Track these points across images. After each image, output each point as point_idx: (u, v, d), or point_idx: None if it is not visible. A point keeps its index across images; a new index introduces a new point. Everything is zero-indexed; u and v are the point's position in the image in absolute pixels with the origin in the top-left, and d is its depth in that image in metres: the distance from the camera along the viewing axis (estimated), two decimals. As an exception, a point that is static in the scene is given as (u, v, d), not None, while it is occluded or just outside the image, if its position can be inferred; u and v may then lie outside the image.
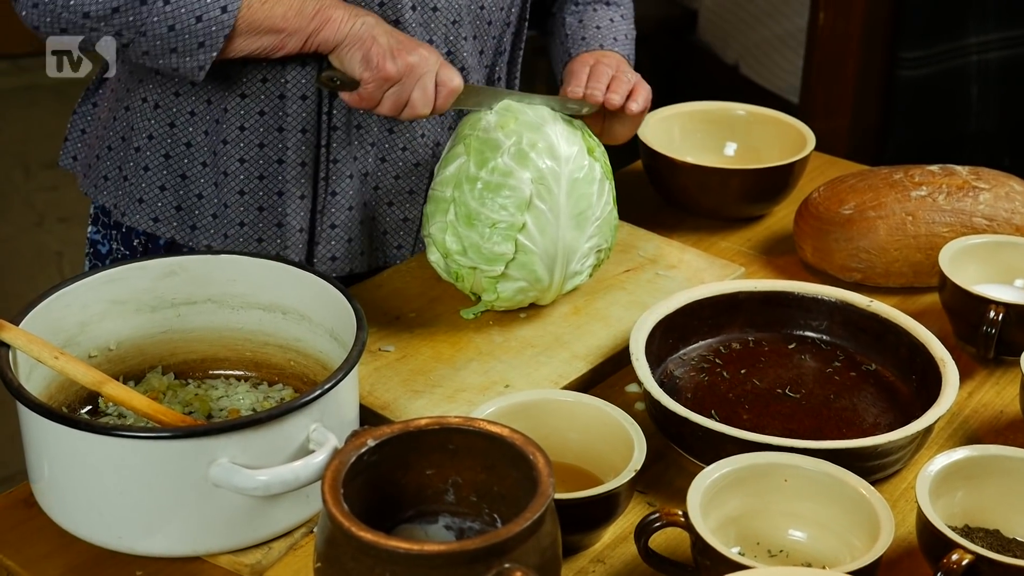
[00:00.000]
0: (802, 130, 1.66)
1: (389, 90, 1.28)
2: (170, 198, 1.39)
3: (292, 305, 1.20)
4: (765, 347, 1.33)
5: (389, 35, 1.28)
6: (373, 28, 1.27)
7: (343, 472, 0.90)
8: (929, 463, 1.07)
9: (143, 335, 1.20)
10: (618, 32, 1.51)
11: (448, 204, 1.30)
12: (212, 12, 1.22)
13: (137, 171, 1.39)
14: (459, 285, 1.34)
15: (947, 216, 1.46)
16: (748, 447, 1.10)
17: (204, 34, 1.24)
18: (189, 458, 0.97)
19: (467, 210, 1.29)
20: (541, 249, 1.30)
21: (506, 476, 0.95)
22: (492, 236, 1.29)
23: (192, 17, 1.22)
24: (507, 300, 1.34)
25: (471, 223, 1.29)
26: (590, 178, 1.33)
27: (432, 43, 1.37)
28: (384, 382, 1.26)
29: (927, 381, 1.23)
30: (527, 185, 1.29)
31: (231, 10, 1.23)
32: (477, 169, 1.29)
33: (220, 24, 1.23)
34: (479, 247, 1.30)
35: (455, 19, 1.38)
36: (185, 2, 1.22)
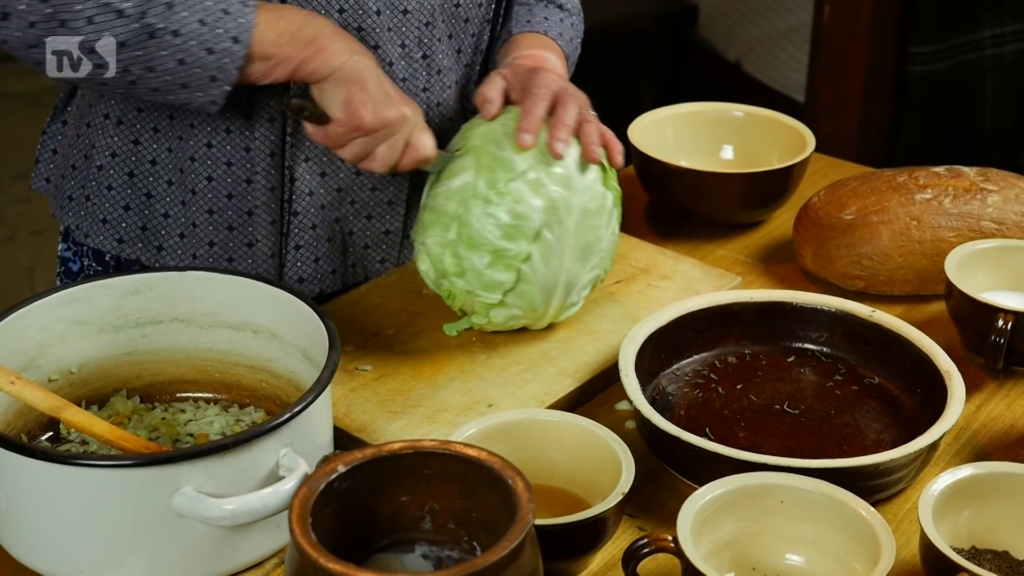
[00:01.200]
0: (802, 131, 1.66)
1: (358, 139, 1.28)
2: (135, 218, 1.39)
3: (263, 323, 1.20)
4: (762, 361, 1.33)
5: (379, 84, 1.28)
6: (364, 72, 1.27)
7: (312, 500, 0.90)
8: (933, 481, 1.07)
9: (107, 357, 1.20)
10: (563, 30, 1.50)
11: (451, 221, 1.29)
12: (223, 43, 1.22)
13: (100, 190, 1.39)
14: (448, 301, 1.34)
15: (954, 220, 1.46)
16: (743, 467, 1.10)
17: (216, 67, 1.23)
18: (151, 487, 0.97)
19: (471, 233, 1.28)
20: (542, 280, 1.30)
21: (485, 501, 0.95)
22: (495, 264, 1.29)
23: (203, 50, 1.21)
24: (497, 325, 1.34)
25: (474, 246, 1.29)
26: (601, 209, 1.32)
27: (404, 47, 1.37)
28: (360, 403, 1.26)
29: (932, 394, 1.23)
30: (537, 214, 1.28)
31: (243, 39, 1.22)
32: (487, 188, 1.28)
33: (233, 55, 1.23)
34: (479, 273, 1.29)
35: (428, 20, 1.38)
36: (195, 34, 1.21)
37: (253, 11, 1.23)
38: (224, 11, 1.22)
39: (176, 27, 1.20)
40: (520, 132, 1.29)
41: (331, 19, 1.31)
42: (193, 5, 1.21)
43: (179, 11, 1.20)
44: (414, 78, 1.39)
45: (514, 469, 0.93)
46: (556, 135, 1.29)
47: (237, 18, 1.22)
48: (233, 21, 1.22)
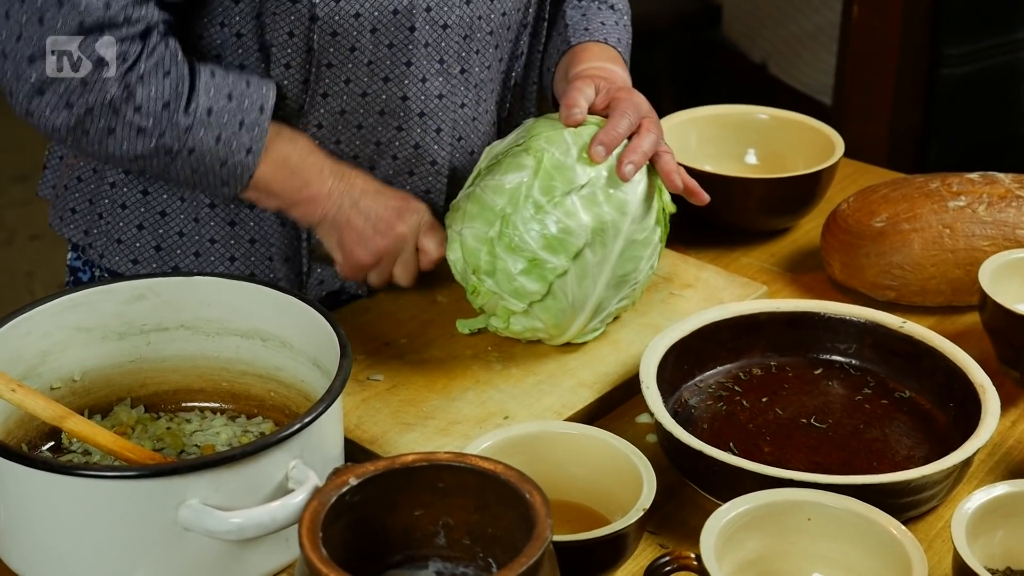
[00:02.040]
0: (830, 135, 1.66)
1: (369, 272, 1.36)
2: (148, 237, 1.39)
3: (272, 331, 1.21)
4: (789, 373, 1.33)
5: (364, 217, 1.33)
6: (349, 211, 1.33)
7: (323, 513, 0.90)
8: (967, 499, 1.07)
9: (110, 365, 1.21)
10: (621, 35, 1.51)
11: (495, 218, 1.30)
12: (237, 156, 1.28)
13: (114, 209, 1.39)
14: (470, 296, 1.34)
15: (988, 228, 1.46)
16: (769, 483, 1.10)
17: (228, 175, 1.29)
18: (156, 499, 0.98)
19: (513, 235, 1.29)
20: (571, 299, 1.31)
21: (501, 516, 0.95)
22: (529, 272, 1.29)
23: (216, 162, 1.27)
24: (514, 333, 1.34)
25: (512, 249, 1.29)
26: (647, 241, 1.34)
27: (443, 63, 1.37)
28: (372, 414, 1.26)
29: (966, 409, 1.23)
30: (584, 233, 1.29)
31: (255, 150, 1.28)
32: (542, 194, 1.29)
33: (244, 167, 1.28)
34: (511, 278, 1.29)
35: (466, 34, 1.37)
36: (210, 150, 1.26)
37: (268, 118, 1.29)
38: (240, 123, 1.27)
39: (192, 146, 1.26)
40: (595, 144, 1.30)
41: (362, 39, 1.31)
42: (211, 123, 1.26)
43: (197, 131, 1.25)
44: (452, 94, 1.39)
45: (532, 483, 0.93)
46: (630, 157, 1.31)
47: (252, 128, 1.28)
48: (248, 133, 1.27)
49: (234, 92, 1.27)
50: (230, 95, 1.27)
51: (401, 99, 1.36)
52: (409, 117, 1.37)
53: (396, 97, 1.36)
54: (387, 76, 1.34)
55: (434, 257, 1.37)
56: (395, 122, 1.37)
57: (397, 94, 1.36)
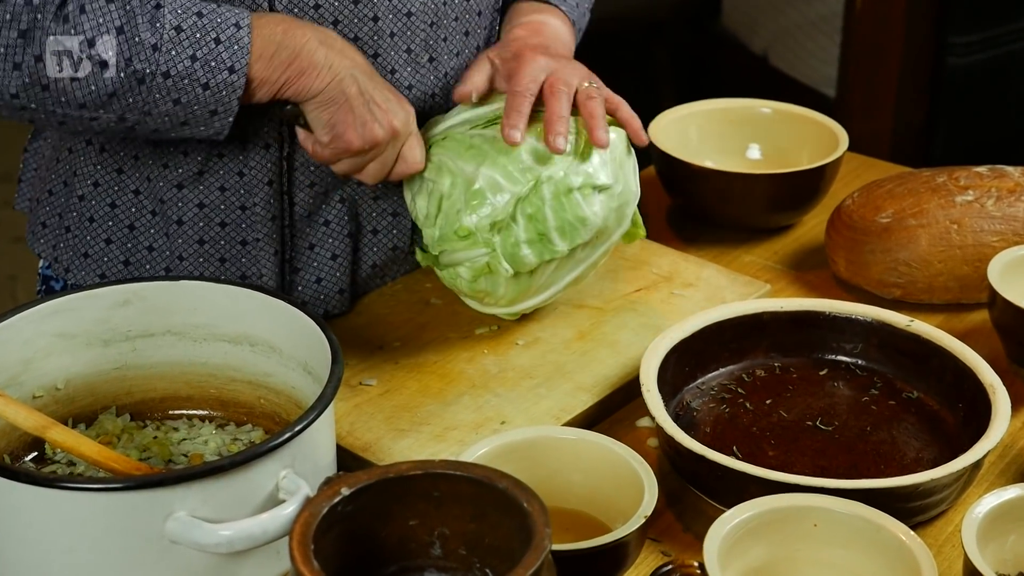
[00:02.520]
0: (834, 129, 1.66)
1: (347, 157, 1.30)
2: (117, 252, 1.38)
3: (261, 336, 1.20)
4: (793, 374, 1.33)
5: (364, 101, 1.27)
6: (347, 89, 1.26)
7: (314, 525, 0.90)
8: (977, 503, 1.06)
9: (95, 372, 1.20)
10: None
11: (523, 173, 1.29)
12: (219, 75, 1.22)
13: (81, 222, 1.38)
14: (440, 234, 1.31)
15: (997, 223, 1.46)
16: (774, 488, 1.10)
17: (215, 101, 1.23)
18: (143, 511, 0.97)
19: (539, 205, 1.28)
20: (541, 282, 1.34)
21: (498, 526, 0.95)
22: (532, 245, 1.29)
23: (198, 86, 1.22)
24: (461, 288, 1.34)
25: (530, 218, 1.28)
26: (608, 252, 1.38)
27: (411, 52, 1.36)
28: (365, 420, 1.26)
29: (975, 410, 1.23)
30: (592, 230, 1.32)
31: (239, 68, 1.22)
32: (575, 178, 1.29)
33: (230, 86, 1.23)
34: (517, 243, 1.29)
35: (432, 21, 1.36)
36: (187, 71, 1.21)
37: (248, 33, 1.23)
38: (216, 40, 1.21)
39: (166, 68, 1.20)
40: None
41: (321, 24, 1.29)
42: (182, 41, 1.20)
43: (167, 51, 1.20)
44: (421, 84, 1.38)
45: (529, 491, 0.93)
46: (554, 128, 1.29)
47: (231, 46, 1.22)
48: (227, 50, 1.22)
49: (204, 10, 1.22)
50: (200, 12, 1.21)
51: None
52: None
53: None
54: None
55: (415, 168, 1.33)
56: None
57: None
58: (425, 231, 1.33)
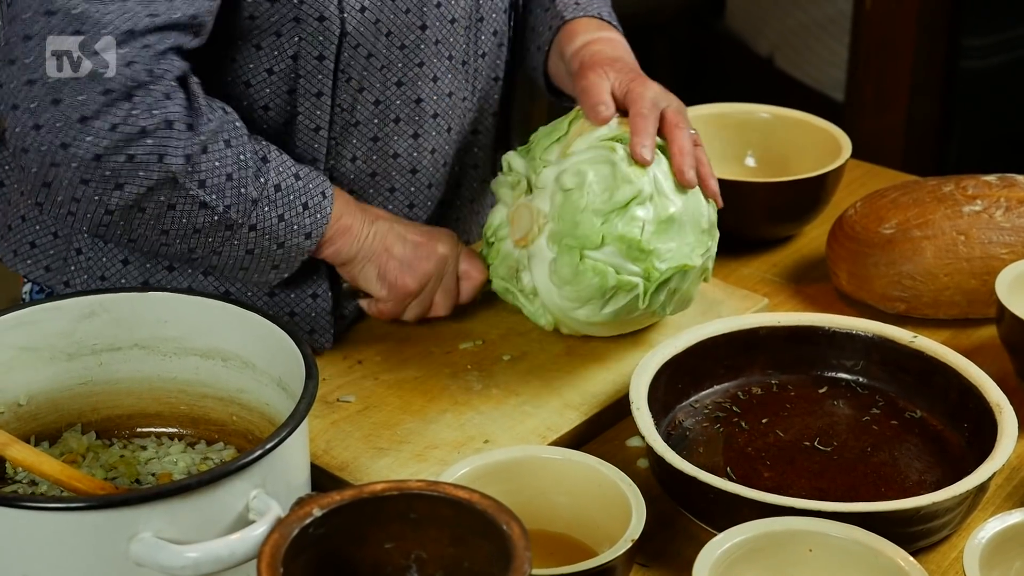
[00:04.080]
0: (836, 135, 1.67)
1: (411, 302, 1.38)
2: (135, 272, 1.40)
3: (234, 350, 1.21)
4: (791, 392, 1.34)
5: (403, 242, 1.36)
6: (386, 237, 1.35)
7: (284, 547, 0.90)
8: (981, 528, 1.07)
9: (59, 387, 1.21)
10: (609, 6, 1.54)
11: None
12: (295, 239, 1.30)
13: (95, 243, 1.39)
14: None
15: (1006, 235, 1.46)
16: (768, 511, 1.10)
17: (282, 259, 1.31)
18: (106, 533, 0.97)
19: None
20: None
21: (478, 549, 0.95)
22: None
23: (274, 244, 1.29)
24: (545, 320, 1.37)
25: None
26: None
27: (452, 59, 1.40)
28: (343, 438, 1.27)
29: (981, 431, 1.23)
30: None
31: (315, 235, 1.31)
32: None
33: (300, 249, 1.31)
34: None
35: (467, 24, 1.41)
36: (271, 229, 1.28)
37: (330, 204, 1.31)
38: (304, 205, 1.29)
39: (255, 222, 1.27)
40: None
41: (378, 44, 1.33)
42: (276, 200, 1.27)
43: (262, 207, 1.27)
44: (459, 89, 1.42)
45: (509, 513, 0.93)
46: (687, 162, 1.33)
47: (315, 213, 1.30)
48: (310, 217, 1.29)
49: (300, 172, 1.30)
50: (297, 174, 1.29)
51: (416, 102, 1.38)
52: (424, 120, 1.39)
53: (411, 101, 1.38)
54: (400, 80, 1.36)
55: (478, 282, 1.40)
56: (411, 128, 1.39)
57: (411, 97, 1.38)
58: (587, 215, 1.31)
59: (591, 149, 1.32)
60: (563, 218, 1.30)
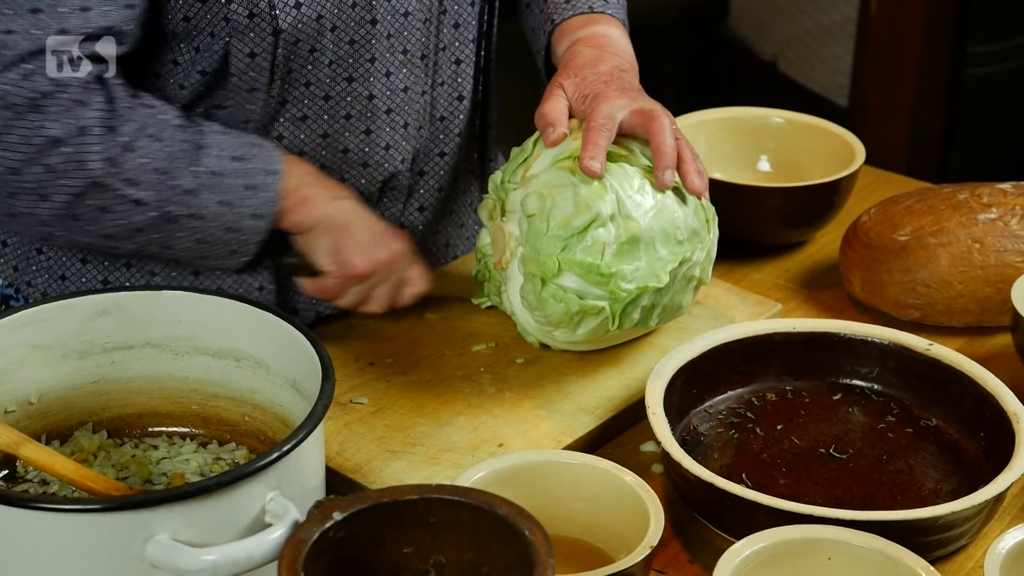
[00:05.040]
0: (850, 141, 1.66)
1: (354, 287, 1.36)
2: (94, 271, 1.40)
3: (247, 350, 1.20)
4: (806, 399, 1.33)
5: (365, 226, 1.35)
6: (348, 216, 1.34)
7: (304, 551, 0.90)
8: (1001, 538, 1.07)
9: (70, 386, 1.20)
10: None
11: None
12: (245, 221, 1.29)
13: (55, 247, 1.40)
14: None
15: (1021, 243, 1.46)
16: (785, 518, 1.10)
17: (237, 243, 1.30)
18: (122, 534, 0.97)
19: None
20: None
21: (498, 555, 0.95)
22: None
23: (223, 229, 1.28)
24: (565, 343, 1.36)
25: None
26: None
27: (407, 53, 1.38)
28: (355, 440, 1.26)
29: (998, 440, 1.23)
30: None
31: (266, 215, 1.29)
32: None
33: (253, 231, 1.30)
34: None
35: (426, 17, 1.39)
36: (216, 215, 1.27)
37: (277, 180, 1.29)
38: (247, 186, 1.27)
39: (197, 211, 1.26)
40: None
41: (323, 39, 1.31)
42: (215, 186, 1.26)
43: (201, 195, 1.26)
44: (416, 84, 1.40)
45: (531, 519, 0.93)
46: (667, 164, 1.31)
47: (261, 192, 1.28)
48: (257, 197, 1.28)
49: (244, 153, 1.28)
50: (239, 156, 1.28)
51: (368, 98, 1.37)
52: (377, 116, 1.38)
53: (362, 97, 1.36)
54: (350, 76, 1.35)
55: (418, 291, 1.40)
56: (363, 125, 1.38)
57: (363, 94, 1.36)
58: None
59: (553, 170, 1.30)
60: (529, 243, 1.30)
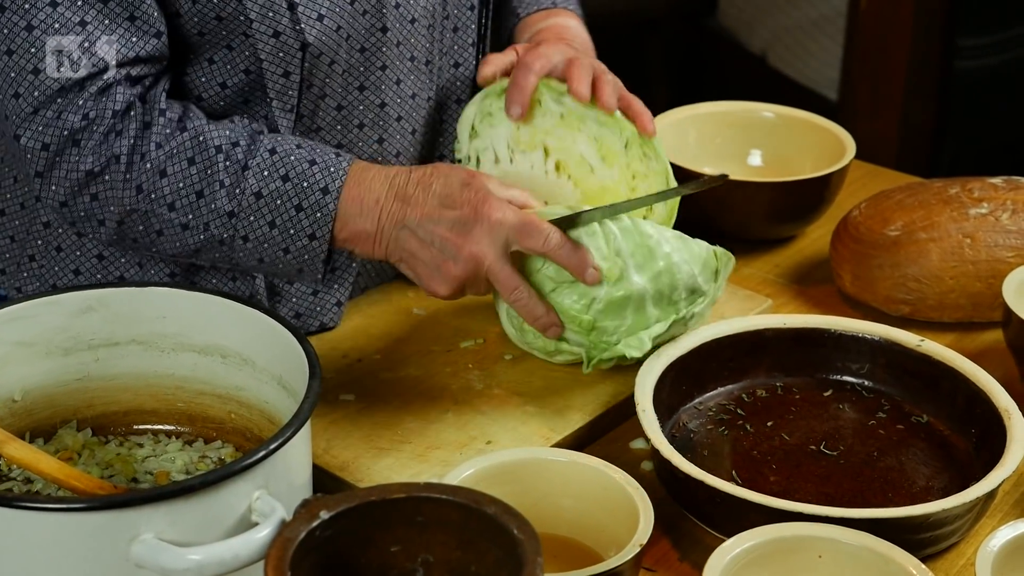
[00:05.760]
0: (840, 135, 1.66)
1: (471, 287, 1.27)
2: (18, 249, 1.40)
3: (233, 347, 1.20)
4: (796, 395, 1.33)
5: (428, 243, 1.24)
6: (407, 241, 1.25)
7: (291, 550, 0.90)
8: (992, 536, 1.07)
9: (54, 383, 1.20)
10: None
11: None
12: (299, 242, 1.26)
13: (48, 251, 1.39)
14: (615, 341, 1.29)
15: (1012, 238, 1.46)
16: (776, 516, 1.10)
17: (299, 262, 1.28)
18: (106, 534, 0.96)
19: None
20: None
21: (486, 553, 0.95)
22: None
23: (279, 250, 1.27)
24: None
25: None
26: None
27: (413, 60, 1.38)
28: (343, 438, 1.26)
29: (989, 436, 1.23)
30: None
31: (321, 235, 1.26)
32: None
33: (311, 251, 1.27)
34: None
35: (430, 23, 1.39)
36: (266, 236, 1.26)
37: (335, 199, 1.25)
38: (297, 207, 1.25)
39: (244, 233, 1.25)
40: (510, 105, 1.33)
41: (339, 50, 1.31)
42: (260, 208, 1.25)
43: (245, 217, 1.25)
44: (423, 91, 1.41)
45: (520, 517, 0.93)
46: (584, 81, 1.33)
47: (314, 212, 1.25)
48: (308, 217, 1.25)
49: (291, 172, 1.25)
50: (285, 175, 1.25)
51: (379, 106, 1.37)
52: (388, 124, 1.38)
53: (374, 105, 1.36)
54: (362, 84, 1.35)
55: (507, 292, 1.25)
56: (375, 134, 1.38)
57: (375, 102, 1.36)
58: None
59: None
60: (522, 272, 1.26)
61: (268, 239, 1.26)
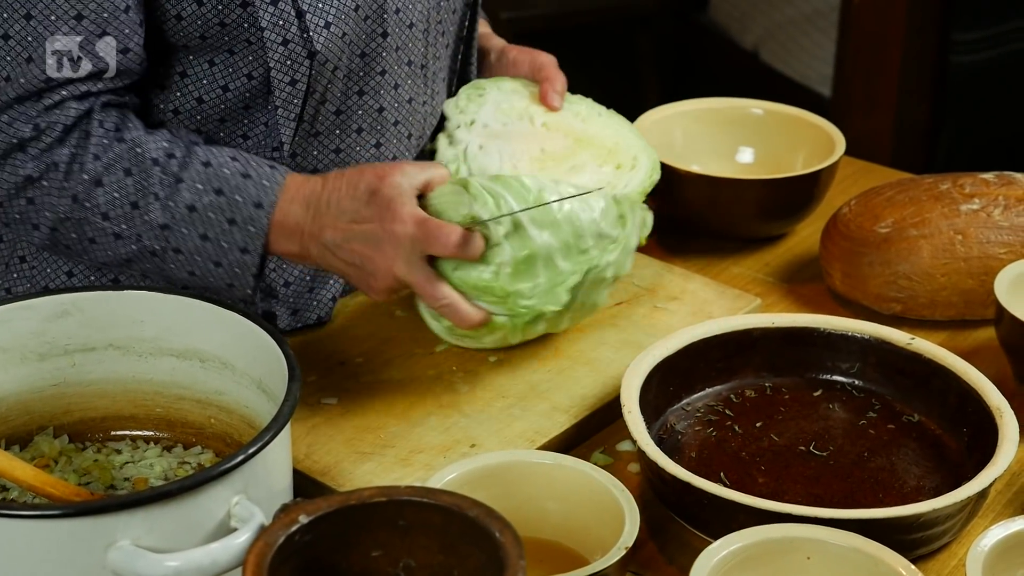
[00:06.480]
0: (830, 132, 1.67)
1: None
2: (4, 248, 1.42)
3: (212, 351, 1.20)
4: (785, 395, 1.34)
5: (348, 263, 1.26)
6: (331, 260, 1.27)
7: (269, 556, 0.90)
8: (983, 536, 1.07)
9: (30, 389, 1.20)
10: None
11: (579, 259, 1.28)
12: (231, 255, 1.27)
13: (39, 252, 1.40)
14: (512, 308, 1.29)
15: (1005, 234, 1.47)
16: (764, 517, 1.10)
17: (230, 276, 1.29)
18: (82, 541, 0.97)
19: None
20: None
21: (468, 557, 0.95)
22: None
23: (210, 262, 1.28)
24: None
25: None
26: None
27: (411, 64, 1.39)
28: (324, 442, 1.26)
29: (981, 435, 1.24)
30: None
31: (252, 250, 1.27)
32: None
33: (243, 265, 1.28)
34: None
35: (425, 28, 1.40)
36: (198, 249, 1.27)
37: (267, 214, 1.26)
38: (230, 220, 1.26)
39: (176, 245, 1.27)
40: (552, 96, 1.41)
41: (342, 56, 1.32)
42: (193, 221, 1.26)
43: (177, 229, 1.26)
44: (419, 95, 1.42)
45: (502, 520, 0.93)
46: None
47: (246, 227, 1.26)
48: (240, 231, 1.26)
49: (225, 186, 1.26)
50: (219, 189, 1.26)
51: (377, 111, 1.37)
52: (386, 129, 1.39)
53: (372, 110, 1.37)
54: (361, 89, 1.35)
55: (429, 301, 1.27)
56: (373, 138, 1.38)
57: (373, 106, 1.37)
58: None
59: (448, 188, 1.27)
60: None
61: (200, 251, 1.27)
